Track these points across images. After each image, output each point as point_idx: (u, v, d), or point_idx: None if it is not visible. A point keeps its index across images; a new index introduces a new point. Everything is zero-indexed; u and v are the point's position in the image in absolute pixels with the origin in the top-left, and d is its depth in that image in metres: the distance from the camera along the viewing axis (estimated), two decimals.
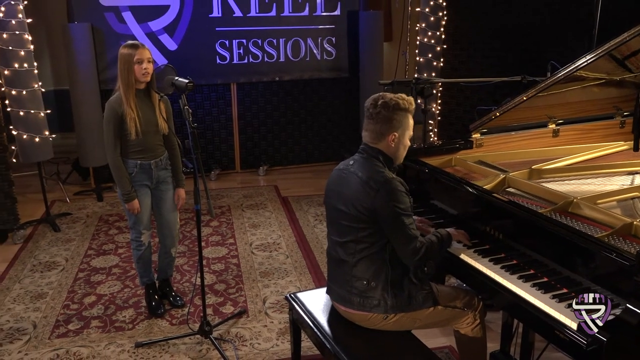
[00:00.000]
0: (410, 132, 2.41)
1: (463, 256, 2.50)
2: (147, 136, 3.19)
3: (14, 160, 4.74)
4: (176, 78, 2.91)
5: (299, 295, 2.73)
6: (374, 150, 2.38)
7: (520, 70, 5.24)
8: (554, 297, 2.12)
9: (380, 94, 2.37)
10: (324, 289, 2.66)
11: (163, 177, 3.34)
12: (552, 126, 3.49)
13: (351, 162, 2.43)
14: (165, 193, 3.37)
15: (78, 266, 4.14)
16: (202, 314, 3.17)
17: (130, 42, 3.18)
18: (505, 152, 3.32)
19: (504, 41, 5.44)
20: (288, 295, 2.76)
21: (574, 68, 2.87)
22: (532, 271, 2.31)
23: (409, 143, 2.43)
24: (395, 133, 2.34)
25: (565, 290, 2.15)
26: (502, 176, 2.87)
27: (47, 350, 3.16)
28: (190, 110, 2.86)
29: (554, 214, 2.44)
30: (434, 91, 5.87)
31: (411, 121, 2.39)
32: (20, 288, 3.83)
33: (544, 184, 2.79)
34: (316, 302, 2.66)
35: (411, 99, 2.39)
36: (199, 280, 3.19)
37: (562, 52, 4.94)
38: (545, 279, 2.24)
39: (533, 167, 2.97)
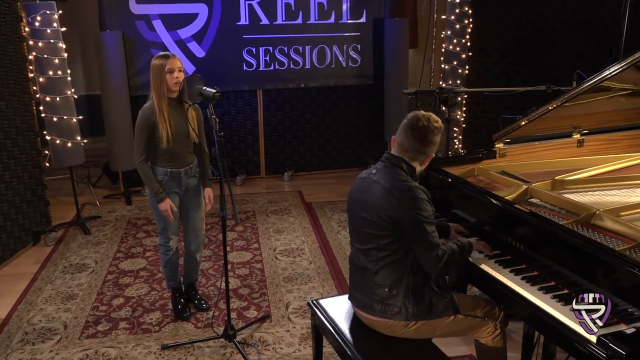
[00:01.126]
0: None
1: (484, 266, 2.51)
2: (178, 144, 3.27)
3: (47, 164, 4.89)
4: (204, 88, 2.99)
5: (321, 301, 2.78)
6: (398, 159, 2.42)
7: (546, 78, 5.23)
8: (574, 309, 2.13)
9: (427, 115, 2.39)
10: (346, 296, 2.70)
11: (192, 185, 3.42)
12: (577, 136, 3.48)
13: (374, 171, 2.47)
14: (193, 200, 3.45)
15: (107, 268, 4.25)
16: (226, 318, 3.24)
17: (161, 53, 3.29)
18: (529, 162, 3.32)
19: (530, 49, 5.43)
20: (310, 301, 2.80)
21: (600, 79, 2.85)
22: (552, 283, 2.32)
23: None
24: (432, 155, 2.46)
25: None
26: (524, 187, 2.88)
27: (77, 350, 3.27)
28: (217, 120, 2.93)
29: (575, 225, 2.45)
30: (459, 99, 5.87)
31: None
32: (51, 289, 3.96)
33: (566, 195, 2.79)
34: (338, 309, 2.70)
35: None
36: (223, 284, 3.26)
37: (588, 61, 4.90)
38: (566, 291, 2.25)
39: (556, 177, 2.98)
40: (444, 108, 4.02)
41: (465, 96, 5.96)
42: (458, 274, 2.85)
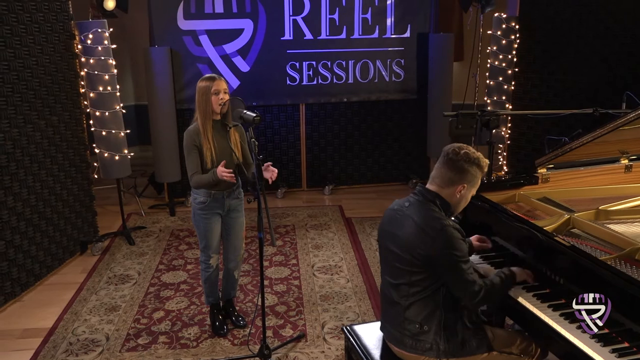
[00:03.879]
0: (474, 191, 2.45)
1: (521, 300, 2.46)
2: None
3: (95, 176, 5.06)
4: (244, 111, 3.04)
5: (355, 328, 2.78)
6: (431, 193, 2.39)
7: (596, 95, 5.09)
8: (613, 351, 2.07)
9: (463, 145, 2.40)
10: (379, 323, 2.69)
11: (234, 206, 3.48)
12: (625, 161, 3.38)
13: (406, 204, 2.44)
14: (235, 220, 3.51)
15: (149, 280, 4.36)
16: (262, 337, 3.28)
17: (207, 75, 3.36)
18: (572, 189, 3.24)
19: (579, 65, 5.29)
20: (344, 327, 2.81)
21: None
22: None
23: (469, 199, 2.46)
24: (465, 184, 2.37)
25: (626, 345, 2.09)
26: (566, 216, 2.81)
27: None
28: (256, 143, 2.98)
29: (618, 261, 2.37)
30: (504, 115, 5.76)
31: (479, 180, 2.43)
32: (96, 300, 4.09)
33: (611, 226, 2.71)
34: (371, 336, 2.69)
35: (487, 161, 2.42)
36: (260, 302, 3.30)
37: None
38: (606, 331, 2.18)
39: (600, 207, 2.89)
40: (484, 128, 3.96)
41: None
42: (495, 306, 2.80)
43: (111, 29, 4.89)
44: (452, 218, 2.45)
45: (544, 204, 3.03)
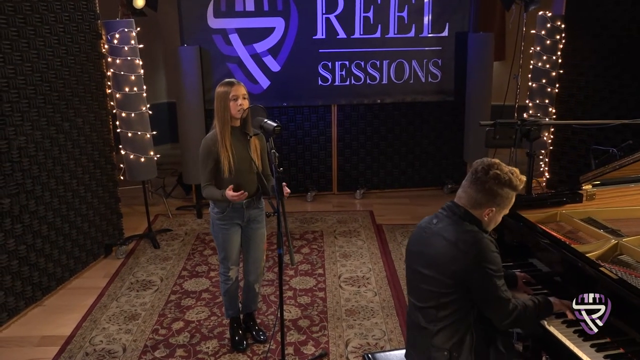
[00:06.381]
0: (507, 211, 2.25)
1: (560, 336, 2.23)
2: (240, 174, 3.19)
3: (122, 177, 4.99)
4: (265, 120, 2.87)
5: (377, 356, 2.59)
6: (461, 209, 2.22)
7: None
8: None
9: (495, 162, 2.19)
10: (403, 352, 2.50)
11: (254, 216, 3.33)
12: None
13: (434, 221, 2.27)
14: (255, 232, 3.36)
15: (171, 287, 4.25)
16: (281, 356, 3.12)
17: (226, 80, 3.22)
18: (620, 209, 2.98)
19: (629, 67, 4.95)
20: (365, 354, 2.63)
21: None
22: None
23: (500, 220, 2.25)
24: (493, 208, 2.18)
25: None
26: (613, 241, 2.56)
27: None
28: (277, 154, 2.80)
29: None
30: (547, 118, 5.45)
31: (513, 200, 2.22)
32: (116, 307, 4.00)
33: None
34: None
35: (523, 177, 2.21)
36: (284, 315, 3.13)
37: None
38: None
39: None
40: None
41: (554, 116, 5.53)
42: (531, 337, 2.57)
43: (138, 28, 4.80)
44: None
45: (588, 226, 2.78)
